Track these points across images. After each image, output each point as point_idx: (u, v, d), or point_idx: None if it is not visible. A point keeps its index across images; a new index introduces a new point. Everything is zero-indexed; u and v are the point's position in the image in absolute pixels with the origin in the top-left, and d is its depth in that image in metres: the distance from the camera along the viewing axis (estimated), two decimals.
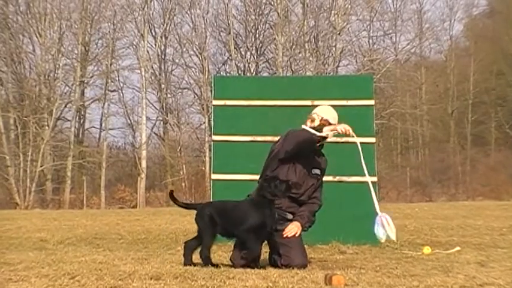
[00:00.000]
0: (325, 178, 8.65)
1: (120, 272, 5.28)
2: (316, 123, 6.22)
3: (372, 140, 8.92)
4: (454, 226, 11.52)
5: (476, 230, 10.69)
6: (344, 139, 8.91)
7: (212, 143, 9.49)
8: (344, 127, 6.00)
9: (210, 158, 17.75)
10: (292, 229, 5.94)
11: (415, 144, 39.68)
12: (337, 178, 8.74)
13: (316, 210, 6.14)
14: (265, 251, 6.56)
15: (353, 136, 6.02)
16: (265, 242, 5.99)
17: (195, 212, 5.96)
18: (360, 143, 6.24)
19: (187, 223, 12.80)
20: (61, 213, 21.09)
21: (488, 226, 11.47)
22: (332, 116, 6.32)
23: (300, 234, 6.00)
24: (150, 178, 35.54)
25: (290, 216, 6.02)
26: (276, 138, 6.33)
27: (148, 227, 12.28)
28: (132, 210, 23.88)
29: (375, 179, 8.75)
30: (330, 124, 6.17)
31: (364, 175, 6.11)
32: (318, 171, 6.14)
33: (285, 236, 5.91)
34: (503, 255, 6.91)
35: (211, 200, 8.97)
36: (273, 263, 5.99)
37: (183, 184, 33.96)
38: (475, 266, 5.94)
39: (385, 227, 5.81)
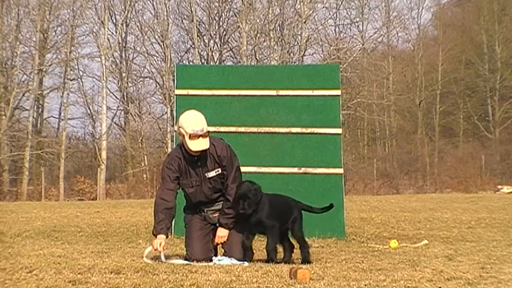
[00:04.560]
0: (290, 170, 8.63)
1: (80, 266, 5.18)
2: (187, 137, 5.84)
3: (338, 131, 8.86)
4: (421, 219, 11.55)
5: (444, 223, 10.74)
6: (309, 130, 8.91)
7: (174, 133, 9.31)
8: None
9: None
10: (220, 237, 5.91)
11: (382, 136, 39.81)
12: (303, 170, 8.67)
13: (227, 204, 5.90)
14: None
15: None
16: None
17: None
18: (325, 134, 6.10)
19: (148, 215, 12.64)
20: (19, 205, 20.70)
21: (456, 219, 11.53)
22: (191, 126, 5.83)
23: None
24: (111, 169, 35.15)
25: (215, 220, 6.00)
26: (241, 129, 6.19)
27: (108, 219, 12.11)
28: (91, 202, 23.56)
29: (341, 170, 8.72)
30: (188, 135, 5.78)
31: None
32: (212, 173, 5.91)
33: (216, 244, 5.97)
34: (472, 248, 6.90)
35: None
36: None
37: (145, 176, 33.64)
38: (443, 259, 5.90)
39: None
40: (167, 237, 5.89)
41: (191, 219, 6.02)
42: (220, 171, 5.92)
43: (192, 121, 5.84)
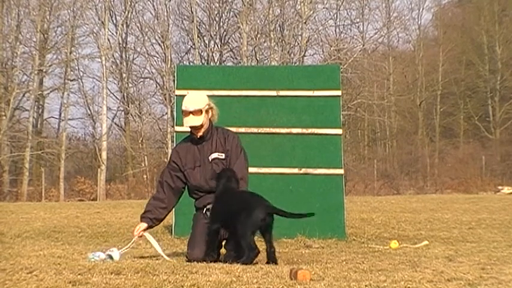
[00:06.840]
0: (290, 170, 8.64)
1: (80, 267, 5.16)
2: None
3: (339, 131, 8.87)
4: (422, 220, 11.54)
5: (444, 224, 10.73)
6: (310, 130, 8.92)
7: (175, 134, 9.31)
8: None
9: None
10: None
11: (382, 136, 39.81)
12: (303, 170, 8.67)
13: None
14: None
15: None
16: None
17: None
18: (326, 134, 6.08)
19: None
20: (19, 205, 20.67)
21: (457, 220, 11.52)
22: (185, 103, 6.08)
23: None
24: (111, 170, 35.15)
25: None
26: (241, 130, 6.21)
27: (108, 220, 12.08)
28: (92, 203, 23.54)
29: (341, 171, 8.73)
30: (184, 112, 6.04)
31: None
32: (214, 155, 5.96)
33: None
34: (472, 249, 6.89)
35: None
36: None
37: (145, 176, 33.64)
38: (443, 260, 5.88)
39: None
40: (149, 227, 6.16)
41: (197, 220, 6.02)
42: (223, 156, 5.94)
43: (187, 99, 6.09)
